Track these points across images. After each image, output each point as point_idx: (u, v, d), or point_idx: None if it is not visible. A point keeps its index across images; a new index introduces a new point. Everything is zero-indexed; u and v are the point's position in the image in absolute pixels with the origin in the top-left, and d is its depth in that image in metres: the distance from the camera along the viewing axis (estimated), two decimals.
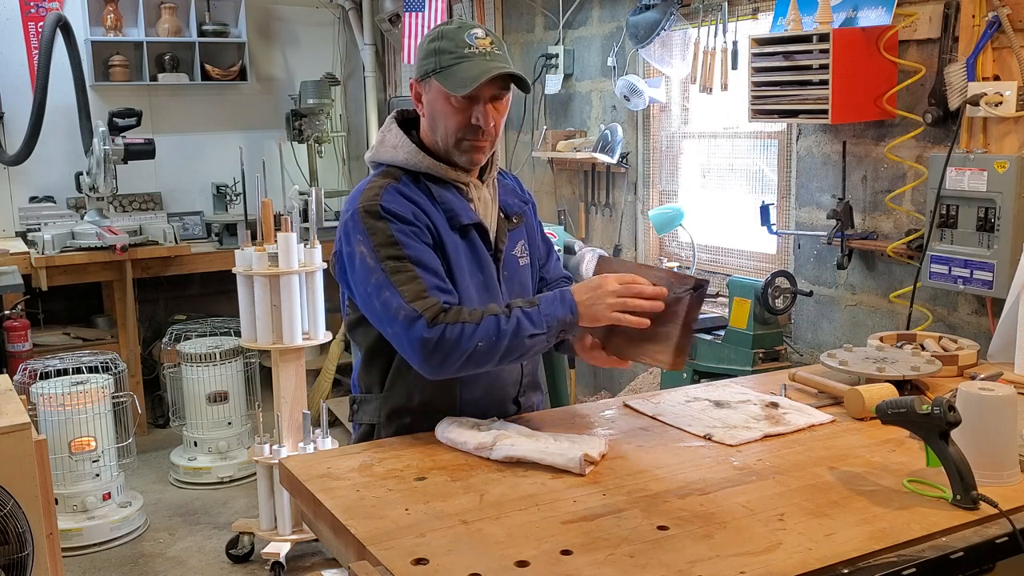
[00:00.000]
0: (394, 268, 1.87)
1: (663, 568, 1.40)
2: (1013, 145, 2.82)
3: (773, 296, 3.33)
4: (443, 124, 1.96)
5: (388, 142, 2.03)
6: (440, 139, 1.98)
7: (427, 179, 1.99)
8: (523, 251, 2.15)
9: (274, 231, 3.68)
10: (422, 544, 1.48)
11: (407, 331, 1.84)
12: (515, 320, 1.85)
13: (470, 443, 1.87)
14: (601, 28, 4.63)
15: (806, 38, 3.14)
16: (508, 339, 1.84)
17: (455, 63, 1.92)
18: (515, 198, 2.16)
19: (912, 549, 1.48)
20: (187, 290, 6.28)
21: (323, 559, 3.81)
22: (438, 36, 1.96)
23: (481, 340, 1.83)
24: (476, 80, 1.89)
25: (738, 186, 4.11)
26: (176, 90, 6.17)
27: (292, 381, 3.71)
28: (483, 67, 1.91)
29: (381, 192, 1.93)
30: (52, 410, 3.97)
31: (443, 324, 1.83)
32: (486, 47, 1.94)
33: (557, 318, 1.87)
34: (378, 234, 1.89)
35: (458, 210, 1.99)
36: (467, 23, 1.99)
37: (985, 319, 2.96)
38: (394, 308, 1.85)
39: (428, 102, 1.98)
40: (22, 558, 2.50)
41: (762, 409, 2.13)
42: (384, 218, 1.89)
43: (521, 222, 2.15)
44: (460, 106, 1.94)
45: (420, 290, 1.85)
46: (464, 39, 1.93)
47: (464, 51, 1.92)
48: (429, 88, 1.96)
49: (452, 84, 1.91)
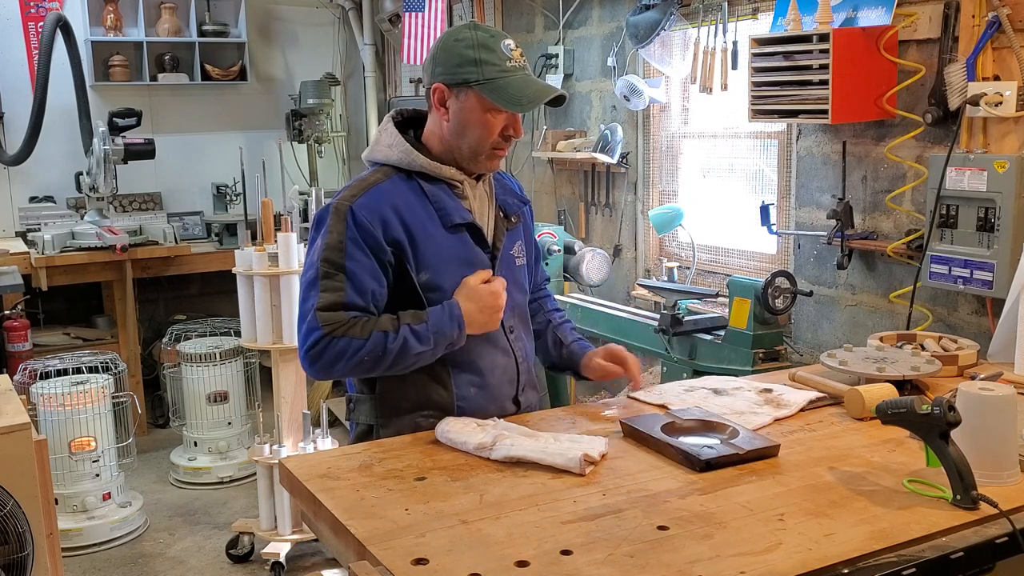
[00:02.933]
0: (326, 273, 1.93)
1: (663, 568, 1.40)
2: (1013, 145, 2.82)
3: (773, 296, 3.33)
4: (477, 133, 1.98)
5: (383, 141, 2.05)
6: (467, 146, 2.00)
7: (420, 177, 2.01)
8: (520, 251, 2.17)
9: (274, 231, 3.68)
10: (422, 544, 1.48)
11: (305, 335, 1.94)
12: (402, 338, 1.91)
13: (470, 443, 1.87)
14: (601, 28, 4.63)
15: (806, 38, 3.14)
16: (393, 356, 1.92)
17: (500, 77, 1.94)
18: (514, 198, 2.17)
19: (912, 549, 1.48)
20: (187, 290, 6.28)
21: (323, 559, 3.81)
22: (475, 44, 1.95)
23: (366, 355, 1.91)
24: (532, 100, 1.96)
25: (738, 186, 4.11)
26: (176, 90, 6.17)
27: (292, 381, 3.71)
28: (533, 85, 1.97)
29: (361, 193, 1.97)
30: (52, 410, 3.97)
31: (330, 337, 1.91)
32: (520, 60, 1.98)
33: (444, 333, 1.94)
34: (333, 235, 1.95)
35: (450, 209, 2.01)
36: (497, 31, 2.00)
37: (985, 319, 2.96)
38: (306, 309, 1.94)
39: (460, 110, 1.97)
40: (22, 558, 2.50)
41: (758, 395, 2.19)
42: (345, 221, 1.94)
43: (519, 222, 2.16)
44: (498, 119, 1.97)
45: (335, 302, 1.92)
46: (503, 51, 1.95)
47: (507, 64, 1.95)
48: (465, 96, 1.96)
49: (504, 99, 1.94)
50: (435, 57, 2.00)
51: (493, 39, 1.96)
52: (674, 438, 1.87)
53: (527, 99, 1.95)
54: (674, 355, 3.65)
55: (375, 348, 1.90)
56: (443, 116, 2.00)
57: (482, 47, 1.94)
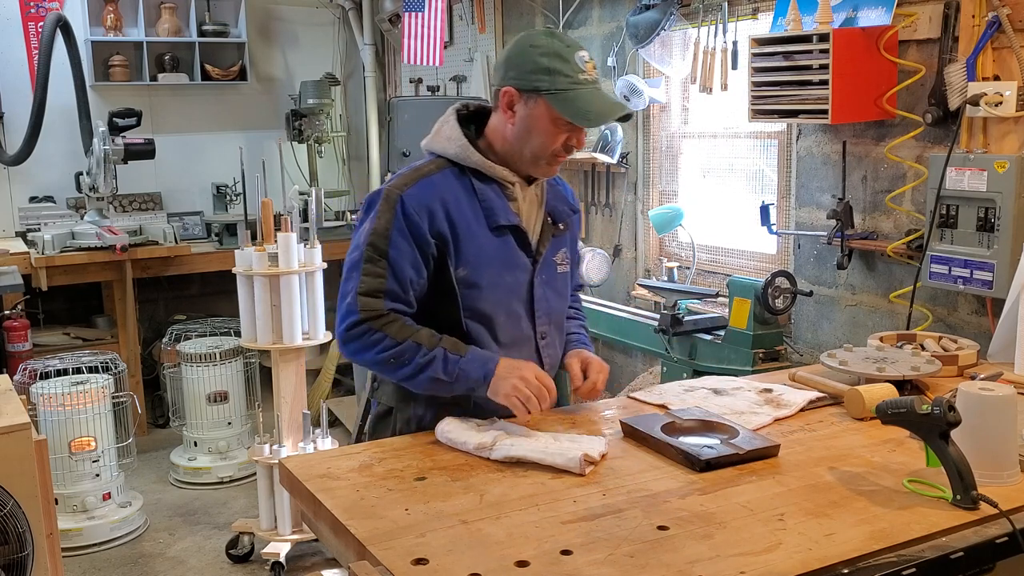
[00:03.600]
0: (370, 257, 1.98)
1: (663, 568, 1.40)
2: (1013, 145, 2.82)
3: (773, 296, 3.33)
4: (539, 141, 1.99)
5: (443, 133, 2.07)
6: (529, 151, 2.01)
7: (473, 174, 2.03)
8: (564, 259, 2.17)
9: (274, 231, 3.68)
10: (422, 544, 1.48)
11: (343, 317, 1.99)
12: (431, 357, 1.95)
13: (470, 443, 1.87)
14: (601, 28, 4.63)
15: (806, 38, 3.14)
16: (413, 369, 1.96)
17: (571, 89, 1.94)
18: (564, 205, 2.18)
19: (912, 549, 1.48)
20: (187, 290, 6.28)
21: (323, 559, 3.81)
22: (550, 52, 1.95)
23: (392, 357, 1.95)
24: (600, 116, 1.97)
25: (738, 186, 4.11)
26: (176, 90, 6.18)
27: (292, 381, 3.71)
28: (602, 101, 1.98)
29: (413, 183, 2.00)
30: (52, 410, 3.97)
31: (370, 327, 1.96)
32: (592, 74, 1.98)
33: (470, 377, 1.96)
34: (381, 220, 1.98)
35: (497, 209, 2.02)
36: (574, 42, 2.00)
37: (985, 319, 2.96)
38: (347, 290, 2.00)
39: (526, 116, 1.98)
40: (22, 558, 2.50)
41: (758, 395, 2.20)
42: (394, 209, 1.97)
43: (566, 230, 2.17)
44: (563, 129, 1.98)
45: (376, 288, 1.97)
46: (576, 63, 1.95)
47: (579, 76, 1.95)
48: (534, 103, 1.97)
49: (571, 112, 1.94)
50: (509, 60, 2.00)
51: (568, 49, 1.96)
52: (674, 438, 1.87)
53: (595, 114, 1.96)
54: (674, 355, 3.66)
55: (403, 354, 1.95)
56: (509, 119, 2.01)
57: (556, 56, 1.94)
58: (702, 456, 1.77)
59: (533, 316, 2.10)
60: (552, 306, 2.14)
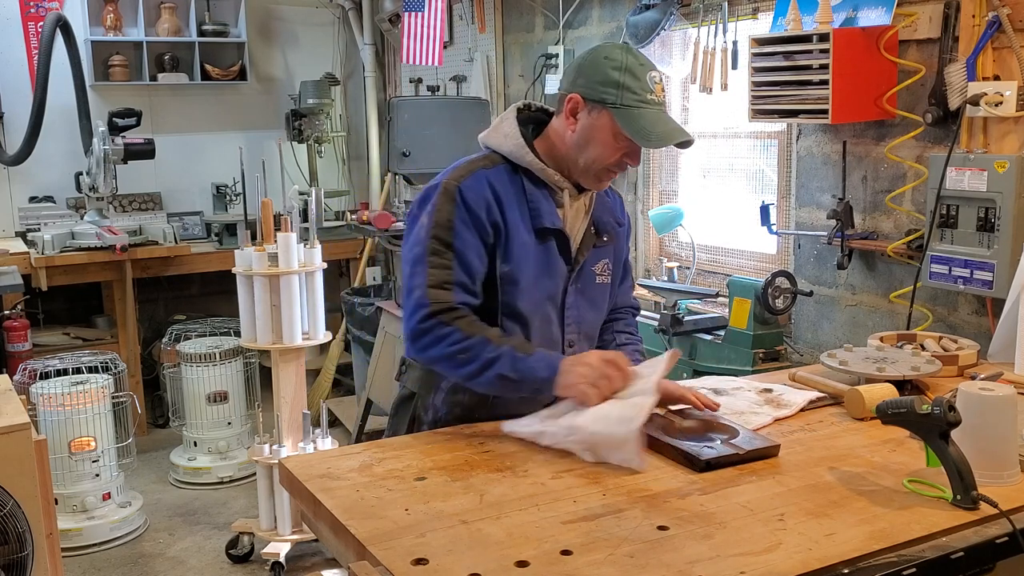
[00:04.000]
0: (435, 250, 1.95)
1: (663, 568, 1.40)
2: (1013, 145, 2.82)
3: (773, 296, 3.33)
4: (596, 152, 1.99)
5: (502, 130, 2.07)
6: (584, 160, 2.01)
7: (525, 174, 2.03)
8: (605, 270, 2.16)
9: (274, 231, 3.68)
10: (422, 544, 1.48)
11: (412, 311, 1.96)
12: (498, 354, 1.91)
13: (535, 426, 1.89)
14: (601, 28, 4.63)
15: (806, 38, 3.14)
16: (480, 365, 1.92)
17: (637, 107, 1.94)
18: (611, 216, 2.17)
19: (912, 549, 1.48)
20: (187, 290, 6.28)
21: (323, 559, 3.81)
22: (622, 67, 1.95)
23: (461, 351, 1.92)
24: (662, 139, 1.95)
25: (738, 186, 4.11)
26: (176, 90, 6.17)
27: (292, 381, 3.71)
28: (666, 124, 1.97)
29: (468, 175, 2.00)
30: (52, 410, 3.97)
31: (440, 321, 1.92)
32: (661, 96, 1.97)
33: (537, 376, 1.91)
34: (442, 212, 1.97)
35: (543, 212, 2.02)
36: (646, 60, 1.99)
37: (985, 319, 2.96)
38: (414, 284, 1.96)
39: (588, 125, 1.98)
40: (22, 558, 2.50)
41: (758, 395, 2.20)
42: (454, 201, 1.96)
43: (611, 242, 2.17)
44: (622, 145, 1.98)
45: (445, 280, 1.94)
46: (647, 82, 1.95)
47: (647, 96, 1.95)
48: (597, 115, 1.97)
49: (635, 131, 1.94)
50: (580, 67, 2.01)
51: (642, 68, 1.96)
52: (674, 438, 1.87)
53: (656, 136, 1.95)
54: None
55: (472, 348, 1.91)
56: (570, 125, 2.00)
57: (628, 72, 1.94)
58: (702, 456, 1.77)
59: (563, 323, 2.10)
60: (583, 315, 2.13)
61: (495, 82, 5.44)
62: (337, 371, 5.63)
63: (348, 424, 5.07)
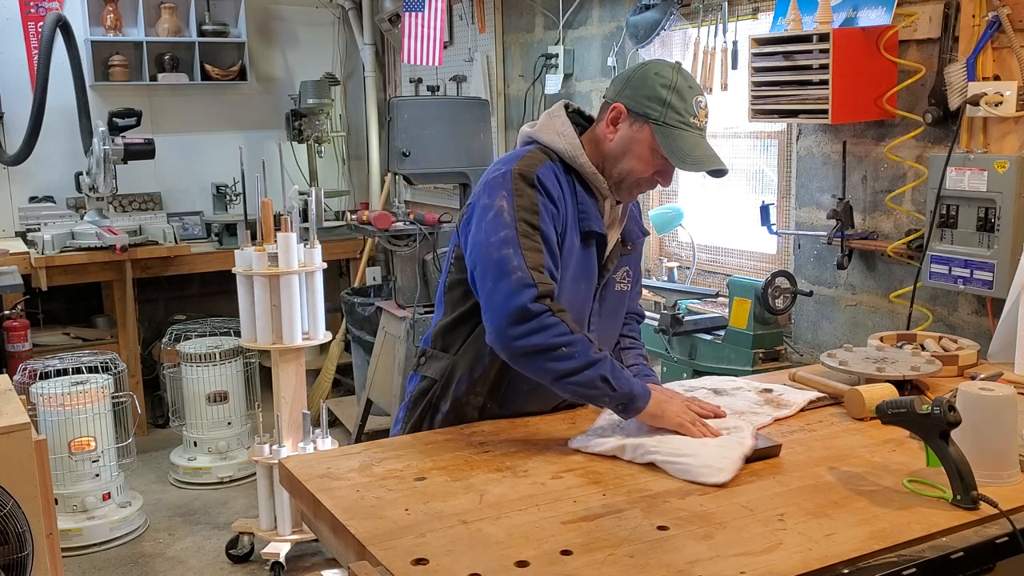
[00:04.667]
0: (525, 232, 1.89)
1: (663, 568, 1.40)
2: (1013, 145, 2.82)
3: (773, 296, 3.33)
4: (631, 165, 1.99)
5: (554, 127, 2.04)
6: (618, 171, 2.01)
7: (575, 175, 2.02)
8: (625, 278, 2.17)
9: (274, 231, 3.68)
10: (422, 544, 1.48)
11: (514, 292, 1.85)
12: (601, 357, 1.88)
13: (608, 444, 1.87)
14: (601, 28, 4.63)
15: (806, 38, 3.14)
16: (580, 363, 1.85)
17: (679, 127, 1.94)
18: (636, 226, 2.18)
19: (912, 549, 1.48)
20: (187, 290, 6.28)
21: (323, 559, 3.81)
22: (671, 86, 1.95)
23: (566, 346, 1.85)
24: (698, 164, 1.95)
25: (738, 186, 4.11)
26: (176, 90, 6.17)
27: (292, 381, 3.71)
28: (703, 149, 1.96)
29: (540, 164, 1.97)
30: (52, 410, 3.97)
31: (548, 308, 1.85)
32: (703, 121, 1.98)
33: (634, 390, 1.89)
34: (524, 197, 1.92)
35: (591, 216, 2.01)
36: (696, 84, 1.99)
37: (985, 319, 2.96)
38: (513, 265, 1.87)
39: (628, 137, 1.98)
40: (22, 558, 2.50)
41: (758, 395, 2.20)
42: (535, 187, 1.93)
43: (634, 251, 2.18)
44: (657, 162, 1.98)
45: (539, 263, 1.88)
46: (693, 105, 1.95)
47: (690, 119, 1.95)
48: (639, 128, 1.97)
49: (672, 151, 1.94)
50: (630, 79, 2.00)
51: (690, 90, 1.96)
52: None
53: (693, 160, 1.94)
54: (674, 355, 3.65)
55: (575, 344, 1.85)
56: (610, 133, 2.00)
57: (676, 92, 1.94)
58: None
59: (589, 329, 2.10)
60: (604, 321, 2.14)
61: (495, 82, 5.44)
62: (337, 371, 5.63)
63: (348, 424, 5.07)
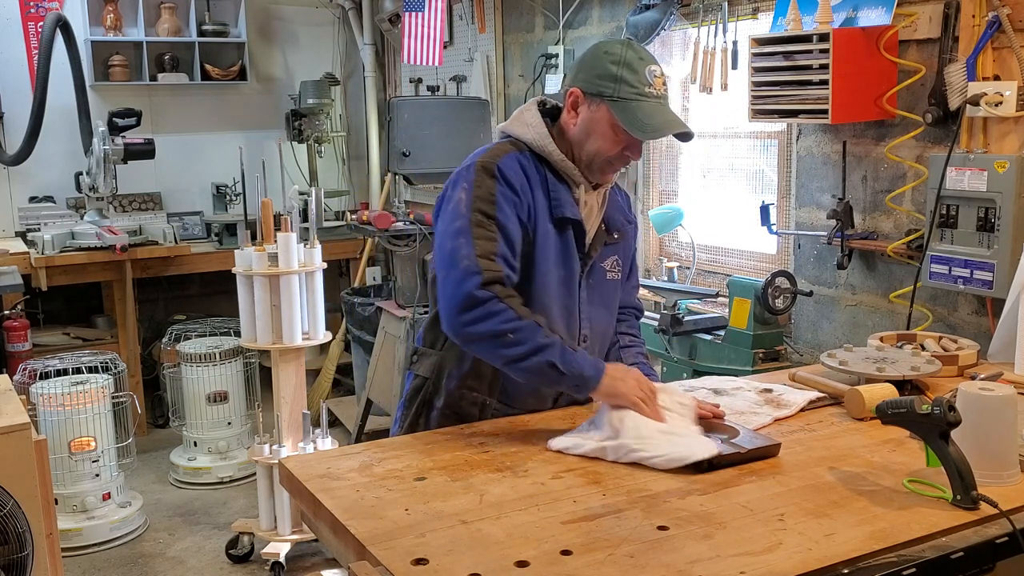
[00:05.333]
0: (478, 222, 1.94)
1: (663, 568, 1.40)
2: (1013, 145, 2.82)
3: (773, 296, 3.33)
4: (597, 145, 2.02)
5: (524, 119, 2.09)
6: (586, 154, 2.03)
7: (546, 165, 2.05)
8: (615, 267, 2.18)
9: (274, 231, 3.68)
10: (422, 544, 1.48)
11: (461, 280, 1.90)
12: (549, 342, 1.89)
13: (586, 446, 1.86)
14: (601, 28, 4.63)
15: (806, 38, 3.14)
16: (528, 349, 1.88)
17: (634, 100, 1.96)
18: (620, 215, 2.20)
19: (912, 549, 1.48)
20: (187, 290, 6.28)
21: (323, 559, 3.81)
22: (621, 61, 1.97)
23: (513, 332, 1.88)
24: (657, 131, 1.98)
25: (738, 186, 4.11)
26: (176, 90, 6.17)
27: (292, 381, 3.71)
28: (663, 116, 1.98)
29: (503, 155, 2.01)
30: (52, 410, 3.97)
31: (494, 294, 1.89)
32: (660, 89, 1.99)
33: (584, 372, 1.91)
34: (482, 188, 1.96)
35: (563, 202, 2.03)
36: (646, 55, 2.01)
37: (985, 319, 2.96)
38: (462, 254, 1.91)
39: (588, 119, 2.01)
40: (22, 558, 2.50)
41: (758, 395, 2.20)
42: (495, 177, 1.97)
43: (621, 239, 2.19)
44: (621, 138, 1.99)
45: (491, 251, 1.92)
46: (646, 75, 1.97)
47: (644, 89, 1.97)
48: (596, 107, 1.99)
49: (630, 123, 1.95)
50: (581, 62, 2.04)
51: (641, 62, 1.98)
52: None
53: (652, 127, 1.96)
54: (674, 355, 3.65)
55: (522, 330, 1.88)
56: (572, 119, 2.03)
57: (626, 66, 1.97)
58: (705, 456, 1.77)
59: (579, 317, 2.12)
60: (595, 311, 2.14)
61: (495, 82, 5.44)
62: (337, 371, 5.63)
63: (348, 424, 5.07)
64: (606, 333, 2.22)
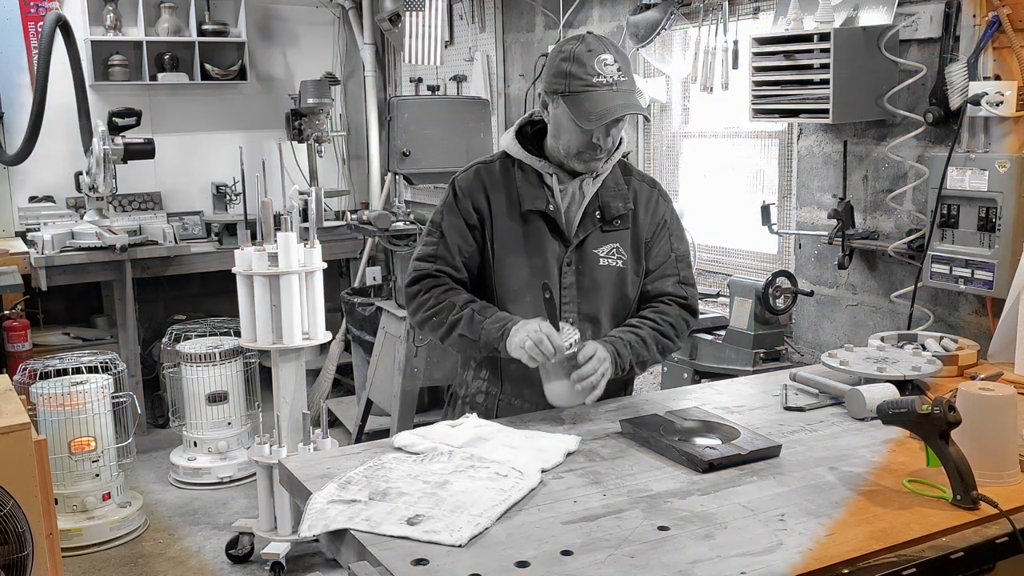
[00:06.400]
0: (429, 230, 2.26)
1: (664, 568, 1.40)
2: (1014, 145, 2.82)
3: (774, 296, 3.33)
4: (566, 139, 2.13)
5: (507, 131, 2.29)
6: (562, 148, 2.16)
7: (518, 165, 2.22)
8: (613, 254, 2.21)
9: (274, 231, 3.68)
10: (422, 544, 1.48)
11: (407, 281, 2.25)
12: (459, 317, 2.13)
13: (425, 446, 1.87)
14: (601, 28, 4.63)
15: (807, 37, 3.13)
16: (446, 328, 2.15)
17: (583, 91, 2.05)
18: (619, 201, 2.21)
19: (912, 549, 1.48)
20: (187, 290, 6.28)
21: (323, 559, 3.81)
22: (570, 57, 2.08)
23: (435, 316, 2.17)
24: (601, 118, 2.04)
25: (739, 186, 4.10)
26: (176, 90, 6.17)
27: (292, 381, 3.71)
28: (609, 101, 2.05)
29: (468, 170, 2.26)
30: (52, 410, 3.97)
31: (420, 288, 2.20)
32: (613, 75, 2.05)
33: (491, 336, 2.10)
34: (442, 201, 2.28)
35: (527, 196, 2.18)
36: (598, 46, 2.08)
37: (985, 319, 2.96)
38: (412, 258, 2.27)
39: (553, 117, 2.15)
40: (22, 558, 2.50)
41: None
42: (452, 190, 2.24)
43: (625, 227, 2.22)
44: (583, 129, 2.08)
45: (428, 253, 2.22)
46: (594, 66, 2.05)
47: (593, 79, 2.05)
48: (557, 105, 2.12)
49: (578, 114, 2.06)
50: (546, 65, 2.20)
51: (590, 54, 2.06)
52: (676, 439, 1.87)
53: (596, 115, 2.05)
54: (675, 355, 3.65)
55: (440, 312, 2.16)
56: (547, 120, 2.18)
57: (575, 60, 2.06)
58: (705, 457, 1.77)
59: (560, 300, 2.17)
60: (583, 295, 2.18)
61: (495, 82, 5.44)
62: (337, 371, 5.63)
63: (348, 424, 5.06)
64: (607, 318, 2.22)
